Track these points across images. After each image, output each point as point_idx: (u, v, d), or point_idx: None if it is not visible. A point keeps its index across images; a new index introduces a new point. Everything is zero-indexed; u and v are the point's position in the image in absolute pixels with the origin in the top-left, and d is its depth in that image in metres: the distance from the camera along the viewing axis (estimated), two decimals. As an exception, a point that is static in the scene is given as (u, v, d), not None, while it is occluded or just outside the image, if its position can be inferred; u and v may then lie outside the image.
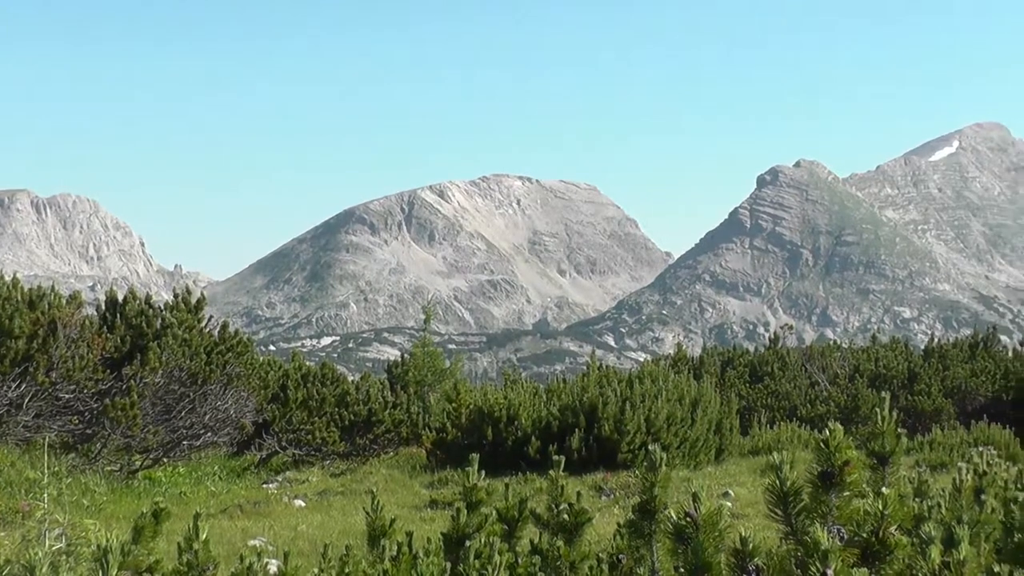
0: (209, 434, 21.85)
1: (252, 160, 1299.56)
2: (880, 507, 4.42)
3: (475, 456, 8.05)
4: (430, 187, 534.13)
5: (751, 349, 40.01)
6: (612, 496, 18.77)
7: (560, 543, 7.11)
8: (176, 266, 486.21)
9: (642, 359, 36.05)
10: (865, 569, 3.99)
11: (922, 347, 37.88)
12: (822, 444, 4.71)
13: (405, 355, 30.97)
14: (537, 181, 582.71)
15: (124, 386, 19.35)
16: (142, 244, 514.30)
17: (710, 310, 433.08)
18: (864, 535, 4.42)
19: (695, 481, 20.47)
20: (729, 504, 17.91)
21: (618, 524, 7.23)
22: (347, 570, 6.85)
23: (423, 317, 33.21)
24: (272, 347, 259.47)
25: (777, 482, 4.81)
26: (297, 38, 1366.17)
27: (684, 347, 38.37)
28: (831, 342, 41.93)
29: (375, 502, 7.87)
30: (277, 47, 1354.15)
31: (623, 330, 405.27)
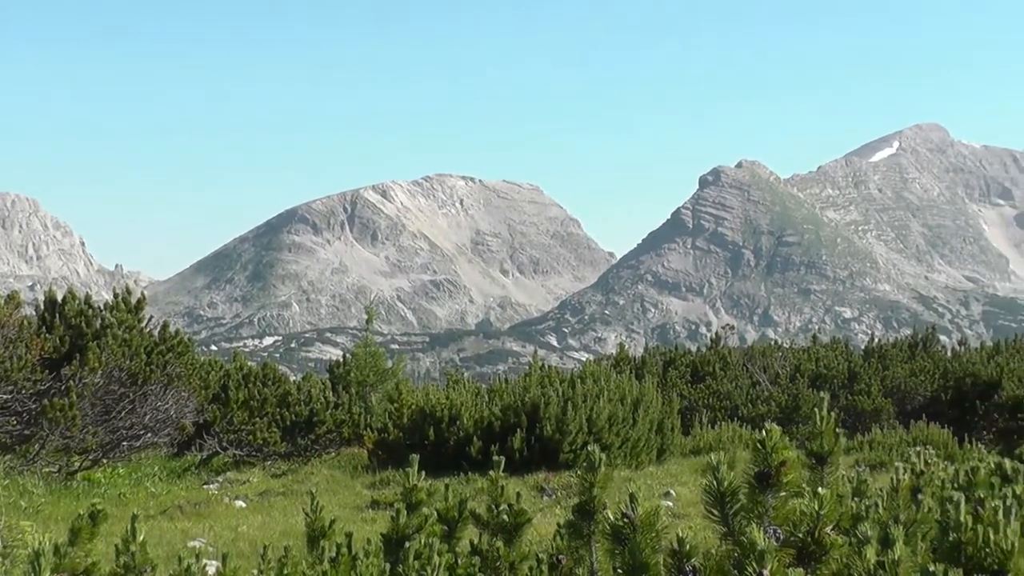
0: (149, 435, 21.72)
1: (194, 159, 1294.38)
2: (816, 507, 4.45)
3: (415, 457, 8.04)
4: (373, 187, 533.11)
5: (693, 349, 40.10)
6: (554, 496, 18.75)
7: (500, 544, 7.11)
8: (117, 266, 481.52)
9: (585, 359, 36.07)
10: (801, 569, 4.01)
11: (862, 347, 38.08)
12: (759, 444, 4.73)
13: (347, 355, 30.84)
14: (480, 181, 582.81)
15: (63, 386, 19.20)
16: (82, 244, 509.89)
17: (652, 310, 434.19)
18: (800, 535, 4.44)
19: (636, 481, 20.52)
20: (670, 504, 17.98)
21: (558, 525, 7.23)
22: (285, 572, 6.83)
23: (366, 317, 32.98)
24: (214, 347, 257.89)
25: (714, 483, 4.82)
26: (238, 37, 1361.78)
27: (626, 347, 38.45)
28: (772, 342, 42.12)
29: (314, 503, 7.85)
30: (218, 46, 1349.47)
31: (566, 330, 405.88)
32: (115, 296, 21.74)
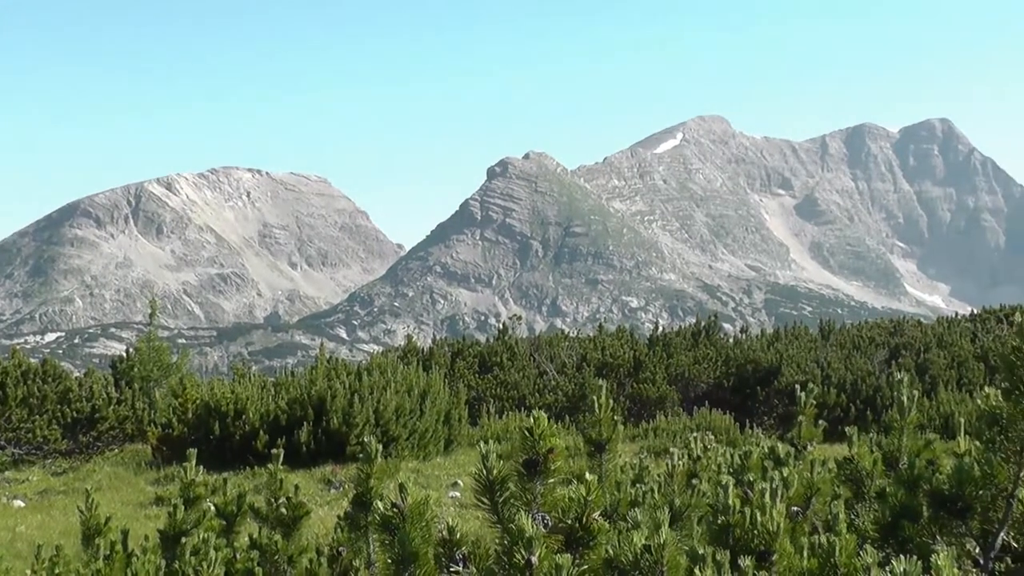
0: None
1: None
2: (584, 493, 4.49)
3: (193, 451, 7.95)
4: (157, 180, 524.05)
5: (482, 340, 40.22)
6: (341, 488, 18.72)
7: (278, 537, 7.06)
8: None
9: (374, 351, 36.02)
10: (569, 555, 4.04)
11: (648, 336, 38.53)
12: (527, 433, 4.77)
13: (131, 350, 30.29)
14: (267, 173, 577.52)
15: None
16: None
17: (442, 301, 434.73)
18: (569, 522, 4.49)
19: (424, 472, 20.60)
20: (457, 494, 18.06)
21: (338, 517, 7.22)
22: (57, 571, 6.69)
23: (150, 311, 32.38)
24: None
25: (483, 471, 4.85)
26: (27, 26, 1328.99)
27: (415, 338, 38.40)
28: (560, 332, 42.40)
29: (89, 500, 7.71)
30: (7, 33, 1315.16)
31: (355, 322, 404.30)
32: None
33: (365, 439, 6.22)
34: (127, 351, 30.35)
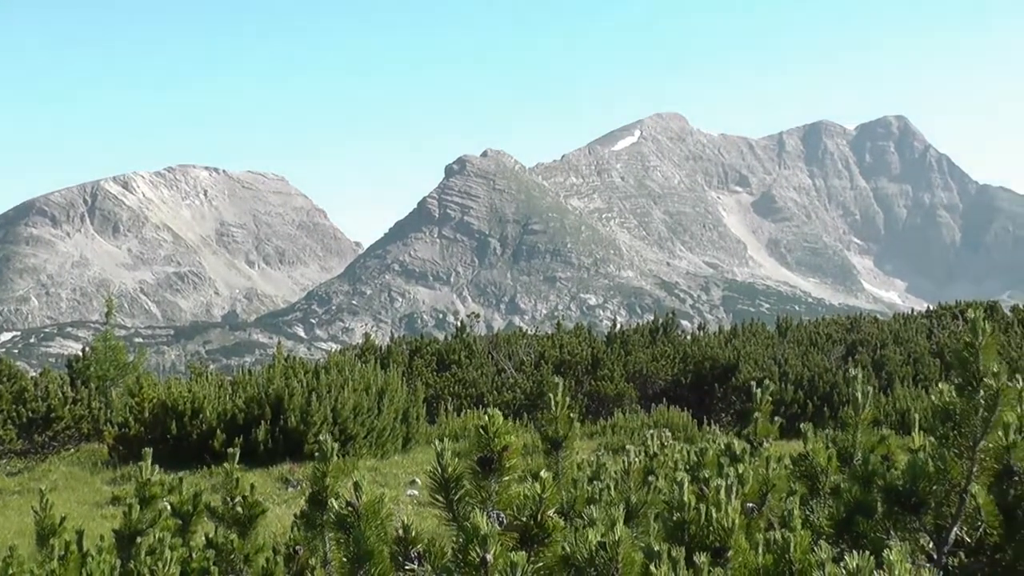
0: None
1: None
2: (539, 491, 4.50)
3: (148, 451, 7.91)
4: (114, 178, 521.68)
5: (440, 338, 40.18)
6: (299, 487, 18.68)
7: (234, 536, 7.04)
8: None
9: (333, 349, 36.00)
10: (524, 553, 4.05)
11: (606, 333, 38.55)
12: (481, 430, 4.77)
13: (87, 349, 30.13)
14: (224, 171, 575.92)
15: None
16: None
17: (400, 299, 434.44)
18: (523, 519, 4.49)
19: (383, 471, 20.58)
20: (415, 492, 18.05)
21: (295, 516, 7.20)
22: (11, 572, 6.65)
23: (106, 310, 32.21)
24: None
25: (438, 469, 4.85)
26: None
27: (373, 337, 38.33)
28: (518, 329, 42.42)
29: (44, 501, 7.67)
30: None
31: (313, 321, 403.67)
32: None
33: (322, 437, 6.21)
34: (83, 350, 30.19)
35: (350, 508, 4.71)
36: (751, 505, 6.48)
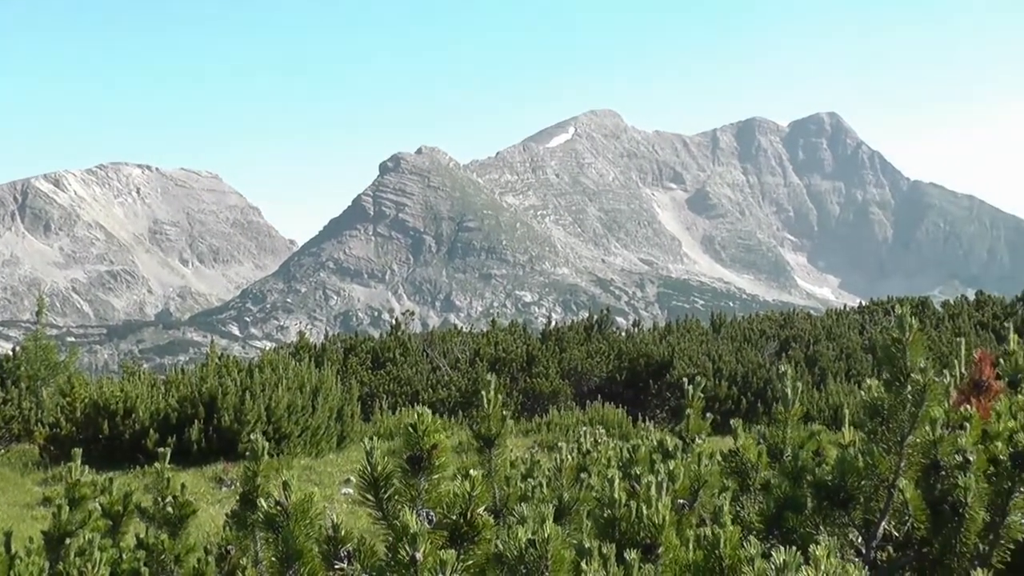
0: None
1: None
2: (468, 489, 4.50)
3: (78, 451, 7.85)
4: (44, 176, 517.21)
5: (375, 336, 40.09)
6: (233, 487, 18.60)
7: (165, 537, 7.01)
8: None
9: (267, 348, 35.90)
10: (454, 551, 4.05)
11: (542, 330, 38.56)
12: (411, 429, 4.77)
13: (17, 349, 29.88)
14: (157, 169, 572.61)
15: None
16: None
17: (335, 297, 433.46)
18: (453, 517, 4.49)
19: (317, 469, 20.53)
20: (350, 491, 17.99)
21: (226, 516, 7.18)
22: (-63, 575, 6.59)
23: (37, 309, 31.95)
24: None
25: (368, 467, 4.84)
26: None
27: (307, 335, 38.19)
28: (454, 327, 42.40)
29: (-28, 502, 7.60)
30: None
31: (248, 319, 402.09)
32: None
33: (253, 436, 6.19)
34: (14, 350, 29.93)
35: (279, 507, 4.69)
36: (682, 501, 6.50)
